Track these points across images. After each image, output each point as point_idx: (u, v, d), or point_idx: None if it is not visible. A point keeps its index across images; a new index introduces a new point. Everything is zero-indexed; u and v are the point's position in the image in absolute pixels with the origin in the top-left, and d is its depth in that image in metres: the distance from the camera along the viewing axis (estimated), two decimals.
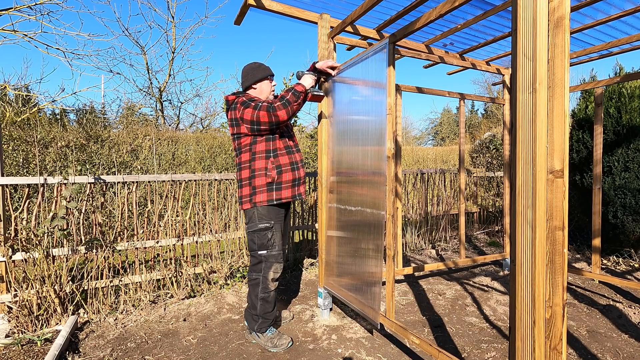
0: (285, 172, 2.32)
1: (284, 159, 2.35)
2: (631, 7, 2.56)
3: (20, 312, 2.41)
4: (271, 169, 2.27)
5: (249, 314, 2.33)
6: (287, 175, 2.32)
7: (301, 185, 2.44)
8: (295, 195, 2.40)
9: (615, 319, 2.58)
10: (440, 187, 5.32)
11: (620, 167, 3.79)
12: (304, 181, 2.47)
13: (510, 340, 1.29)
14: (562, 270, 1.17)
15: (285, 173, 2.32)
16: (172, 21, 10.55)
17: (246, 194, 2.33)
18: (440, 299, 3.03)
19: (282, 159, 2.34)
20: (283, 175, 2.31)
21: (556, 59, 1.14)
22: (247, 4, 2.48)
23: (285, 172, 2.32)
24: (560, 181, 1.15)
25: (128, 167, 6.48)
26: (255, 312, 2.29)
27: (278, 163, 2.31)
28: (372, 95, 2.25)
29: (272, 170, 2.27)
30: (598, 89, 3.19)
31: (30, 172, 5.35)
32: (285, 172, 2.32)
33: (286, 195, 2.33)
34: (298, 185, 2.42)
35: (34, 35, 6.60)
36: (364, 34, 3.00)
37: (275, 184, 2.29)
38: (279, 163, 2.31)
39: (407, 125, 24.16)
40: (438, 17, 1.87)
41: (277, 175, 2.28)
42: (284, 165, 2.32)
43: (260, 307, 2.28)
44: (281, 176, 2.30)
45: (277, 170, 2.29)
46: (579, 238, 4.57)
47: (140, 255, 3.05)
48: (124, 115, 9.91)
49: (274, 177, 2.27)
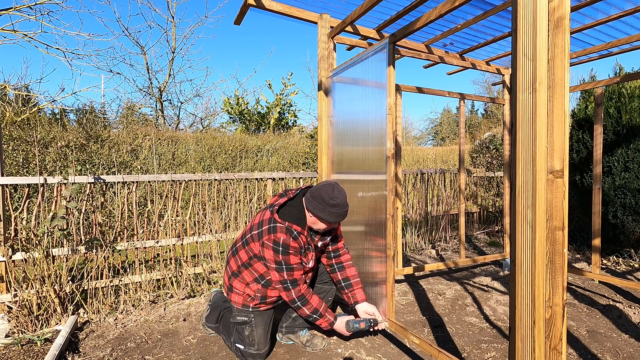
0: (270, 299, 2.11)
1: (273, 292, 2.09)
2: (631, 7, 2.56)
3: (20, 312, 2.41)
4: (252, 292, 2.08)
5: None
6: (269, 302, 2.12)
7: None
8: (279, 302, 2.19)
9: (615, 319, 2.58)
10: (440, 187, 5.32)
11: (620, 167, 3.79)
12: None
13: (510, 340, 1.29)
14: (562, 270, 1.17)
15: (270, 299, 2.11)
16: (172, 21, 10.55)
17: (226, 283, 2.17)
18: (440, 299, 3.03)
19: (271, 291, 2.09)
20: (266, 301, 2.10)
21: (556, 59, 1.14)
22: (247, 3, 2.48)
23: (270, 299, 2.11)
24: (560, 181, 1.15)
25: (128, 167, 6.48)
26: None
27: (264, 294, 2.08)
28: (372, 95, 2.25)
29: (252, 292, 2.07)
30: (598, 89, 3.19)
31: (30, 172, 5.35)
32: (269, 299, 2.10)
33: (265, 307, 2.14)
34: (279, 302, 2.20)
35: (34, 35, 6.60)
36: (364, 33, 3.00)
37: (252, 302, 2.10)
38: (265, 294, 2.08)
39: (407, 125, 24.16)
40: (438, 17, 1.87)
41: (258, 302, 2.08)
42: (269, 297, 2.10)
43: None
44: (263, 302, 2.10)
45: (260, 299, 2.08)
46: (579, 238, 4.57)
47: (140, 255, 3.05)
48: (124, 115, 9.91)
49: (252, 298, 2.08)
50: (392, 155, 2.11)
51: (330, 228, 2.02)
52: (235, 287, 2.11)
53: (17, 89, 8.06)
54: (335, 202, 1.88)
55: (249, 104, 12.11)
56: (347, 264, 2.27)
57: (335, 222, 1.93)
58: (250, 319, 2.08)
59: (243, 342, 2.07)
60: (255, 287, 2.08)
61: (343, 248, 2.30)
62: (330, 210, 1.89)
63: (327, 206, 1.88)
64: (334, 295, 2.34)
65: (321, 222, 1.94)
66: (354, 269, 2.27)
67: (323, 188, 1.91)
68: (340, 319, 2.09)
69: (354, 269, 2.28)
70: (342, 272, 2.25)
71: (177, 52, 11.01)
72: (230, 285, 2.14)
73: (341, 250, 2.29)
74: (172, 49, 10.78)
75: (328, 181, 1.98)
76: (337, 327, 2.07)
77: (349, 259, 2.29)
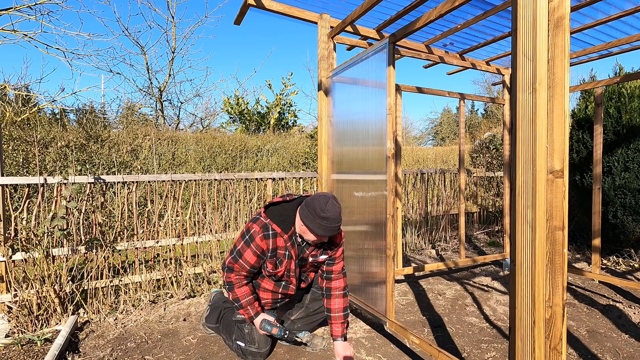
0: (265, 301, 2.14)
1: (265, 295, 2.12)
2: (631, 7, 2.56)
3: (20, 312, 2.41)
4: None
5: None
6: (265, 303, 2.15)
7: (286, 299, 2.23)
8: (277, 305, 2.22)
9: (615, 319, 2.58)
10: (440, 187, 5.32)
11: (620, 167, 3.79)
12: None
13: (510, 340, 1.29)
14: (562, 270, 1.17)
15: (264, 300, 2.14)
16: (172, 21, 10.55)
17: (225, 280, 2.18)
18: (440, 299, 3.03)
19: (262, 293, 2.12)
20: (262, 302, 2.14)
21: (556, 59, 1.14)
22: (247, 3, 2.48)
23: (265, 301, 2.14)
24: (560, 181, 1.15)
25: (128, 167, 6.48)
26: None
27: (258, 293, 2.14)
28: (372, 95, 2.25)
29: None
30: (598, 89, 3.19)
31: (30, 172, 5.35)
32: (264, 300, 2.14)
33: (265, 306, 2.18)
34: (283, 300, 2.22)
35: (34, 35, 6.60)
36: (364, 33, 3.00)
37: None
38: (257, 294, 2.13)
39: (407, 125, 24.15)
40: (438, 17, 1.87)
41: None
42: (262, 299, 2.14)
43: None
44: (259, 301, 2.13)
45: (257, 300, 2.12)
46: (579, 238, 4.57)
47: (140, 255, 3.05)
48: (124, 115, 9.91)
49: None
50: (392, 155, 2.11)
51: (319, 241, 1.92)
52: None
53: (17, 89, 8.06)
54: (325, 215, 1.79)
55: (249, 104, 12.12)
56: (334, 293, 2.09)
57: (322, 235, 1.82)
58: None
59: (244, 339, 2.08)
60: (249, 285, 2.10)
61: (338, 273, 2.11)
62: (319, 223, 1.80)
63: (317, 217, 1.80)
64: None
65: (310, 233, 1.85)
66: (340, 301, 2.08)
67: (317, 199, 1.84)
68: (261, 316, 2.05)
69: (341, 300, 2.08)
70: (327, 300, 2.11)
71: (177, 52, 11.01)
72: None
73: (334, 274, 2.10)
74: (172, 49, 10.78)
75: (325, 193, 1.90)
76: (255, 322, 2.07)
77: (339, 287, 2.09)
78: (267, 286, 2.10)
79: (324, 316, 2.24)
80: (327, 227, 1.80)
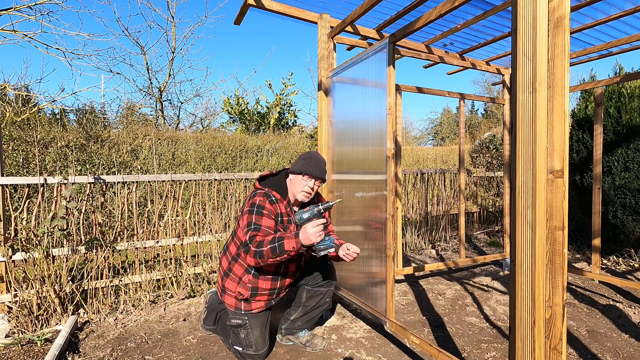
0: (261, 295, 2.06)
1: (265, 284, 2.05)
2: (631, 7, 2.56)
3: (20, 312, 2.41)
4: (245, 286, 2.04)
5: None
6: (260, 299, 2.08)
7: (282, 292, 2.18)
8: (272, 302, 2.15)
9: (616, 318, 2.58)
10: (440, 187, 5.32)
11: (620, 167, 3.79)
12: (287, 288, 2.21)
13: (510, 340, 1.29)
14: (562, 270, 1.17)
15: (261, 296, 2.07)
16: (172, 21, 10.54)
17: (219, 285, 2.16)
18: (440, 298, 3.03)
19: (262, 282, 2.05)
20: (257, 297, 2.06)
21: (556, 59, 1.14)
22: (247, 3, 2.48)
23: (261, 295, 2.06)
24: (560, 181, 1.15)
25: (128, 167, 6.48)
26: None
27: (255, 285, 2.04)
28: (372, 95, 2.25)
29: (244, 288, 2.04)
30: (598, 89, 3.19)
31: (30, 172, 5.35)
32: (260, 296, 2.06)
33: (257, 307, 2.09)
34: (278, 295, 2.17)
35: (34, 35, 6.60)
36: (364, 33, 3.00)
37: (244, 300, 2.06)
38: (256, 285, 2.04)
39: (407, 125, 24.15)
40: (438, 17, 1.87)
41: (249, 295, 2.04)
42: (261, 290, 2.05)
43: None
44: (254, 298, 2.06)
45: (251, 292, 2.04)
46: (579, 238, 4.57)
47: (140, 255, 3.05)
48: (124, 115, 9.91)
49: (244, 295, 2.04)
50: (392, 155, 2.11)
51: (308, 189, 2.04)
52: (227, 288, 2.09)
53: (17, 89, 8.06)
54: (309, 155, 2.10)
55: (249, 104, 12.11)
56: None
57: (319, 175, 2.04)
58: (244, 321, 2.05)
59: (240, 344, 2.06)
60: (246, 279, 2.03)
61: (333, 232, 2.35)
62: (315, 165, 2.05)
63: (310, 161, 2.06)
64: (331, 296, 2.34)
65: (297, 177, 2.06)
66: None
67: (302, 156, 2.12)
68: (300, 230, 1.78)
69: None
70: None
71: (177, 52, 11.00)
72: (223, 287, 2.13)
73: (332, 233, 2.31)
74: (172, 49, 10.77)
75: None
76: (301, 234, 1.74)
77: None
78: (268, 269, 2.02)
79: (322, 310, 2.30)
80: (320, 167, 2.07)
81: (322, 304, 2.26)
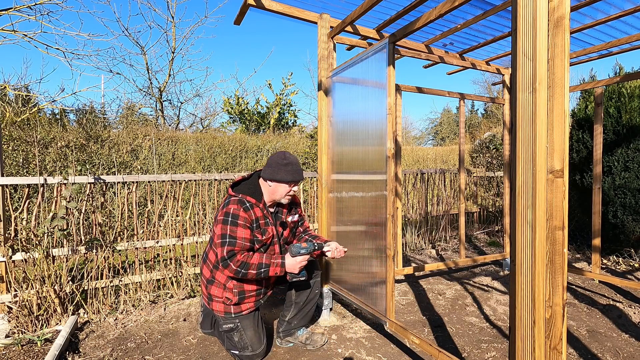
0: (249, 297, 2.06)
1: (250, 286, 2.05)
2: (631, 7, 2.56)
3: (20, 312, 2.41)
4: (231, 291, 2.02)
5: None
6: (249, 300, 2.07)
7: (269, 290, 2.20)
8: (261, 301, 2.15)
9: (616, 318, 2.58)
10: (440, 187, 5.32)
11: (620, 167, 3.79)
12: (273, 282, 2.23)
13: (510, 340, 1.29)
14: (562, 270, 1.17)
15: (249, 298, 2.06)
16: (172, 21, 10.54)
17: (205, 293, 2.13)
18: (440, 298, 3.03)
19: (247, 285, 2.04)
20: (245, 300, 2.05)
21: (556, 59, 1.14)
22: (247, 3, 2.48)
23: (249, 297, 2.06)
24: (560, 181, 1.15)
25: (128, 167, 6.48)
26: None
27: (241, 288, 2.03)
28: (372, 95, 2.25)
29: (230, 293, 2.02)
30: (598, 88, 3.19)
31: (30, 172, 5.35)
32: (248, 298, 2.06)
33: (247, 308, 2.07)
34: (265, 294, 2.17)
35: (34, 35, 6.60)
36: (364, 33, 3.00)
37: (233, 304, 2.04)
38: (242, 289, 2.03)
39: (407, 125, 24.16)
40: (438, 17, 1.87)
41: (238, 300, 2.03)
42: (248, 292, 2.05)
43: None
44: (242, 301, 2.05)
45: (239, 296, 2.03)
46: (579, 238, 4.57)
47: (140, 255, 3.05)
48: (124, 115, 9.91)
49: (232, 301, 2.02)
50: (392, 155, 2.11)
51: (292, 193, 2.08)
52: (214, 295, 2.06)
53: (17, 89, 8.06)
54: (287, 161, 2.03)
55: (249, 104, 12.11)
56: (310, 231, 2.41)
57: (292, 180, 2.02)
58: (236, 324, 2.03)
59: (236, 347, 2.05)
60: (231, 285, 2.02)
61: (308, 227, 2.43)
62: (286, 169, 2.01)
63: (282, 166, 2.01)
64: (320, 287, 2.36)
65: (281, 186, 2.03)
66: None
67: (273, 156, 2.07)
68: (286, 255, 2.00)
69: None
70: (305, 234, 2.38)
71: (177, 52, 11.00)
72: (209, 295, 2.09)
73: (308, 229, 2.41)
74: (172, 49, 10.77)
75: (277, 152, 2.12)
76: (288, 263, 1.96)
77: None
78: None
79: (315, 303, 2.32)
80: (294, 170, 2.03)
81: (313, 296, 2.27)
